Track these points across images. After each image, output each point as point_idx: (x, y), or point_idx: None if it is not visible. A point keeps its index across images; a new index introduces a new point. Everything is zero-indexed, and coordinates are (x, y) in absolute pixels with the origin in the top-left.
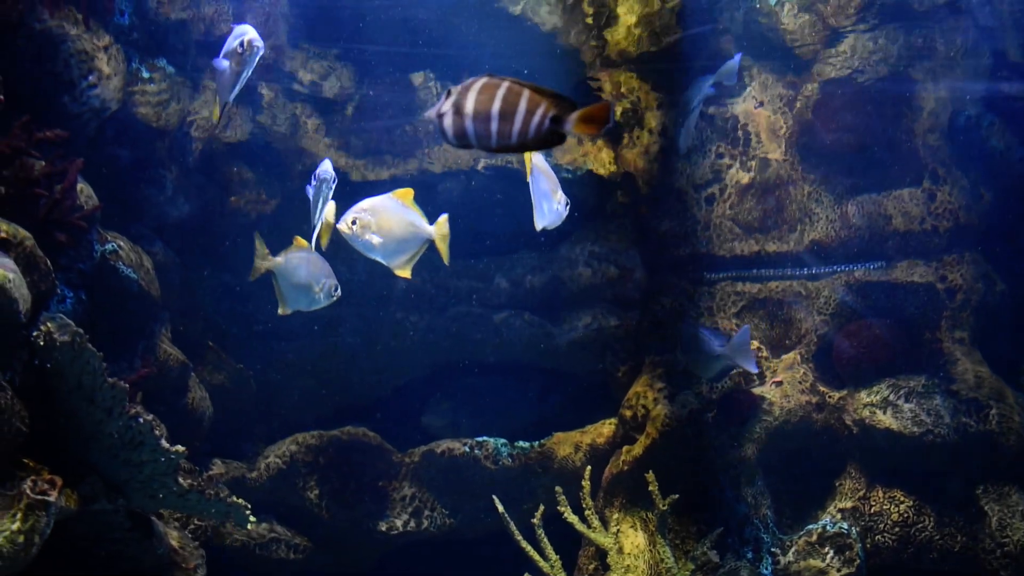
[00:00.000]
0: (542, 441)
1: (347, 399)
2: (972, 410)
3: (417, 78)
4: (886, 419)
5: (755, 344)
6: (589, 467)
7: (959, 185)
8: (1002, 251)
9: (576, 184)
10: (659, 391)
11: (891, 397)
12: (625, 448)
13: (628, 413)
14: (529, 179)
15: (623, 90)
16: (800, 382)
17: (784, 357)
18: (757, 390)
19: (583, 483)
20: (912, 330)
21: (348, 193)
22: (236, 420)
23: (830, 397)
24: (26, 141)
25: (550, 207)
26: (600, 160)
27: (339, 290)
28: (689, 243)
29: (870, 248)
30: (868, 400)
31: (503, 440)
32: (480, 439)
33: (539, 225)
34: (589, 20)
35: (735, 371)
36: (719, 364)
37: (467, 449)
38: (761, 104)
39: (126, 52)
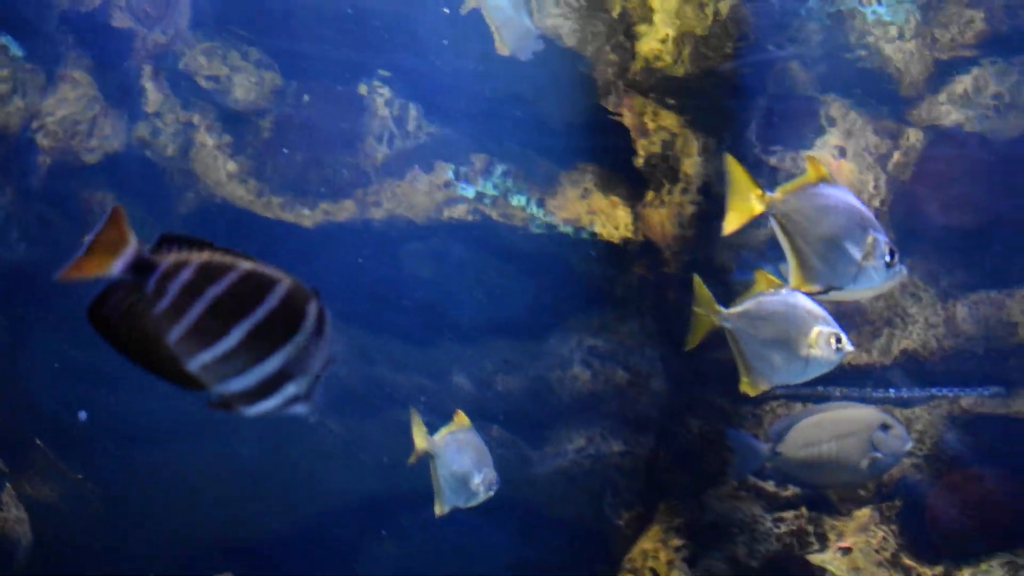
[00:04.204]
0: None
1: (238, 533)
2: None
3: (365, 90)
4: None
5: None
6: None
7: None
8: None
9: (574, 251)
10: (676, 551)
11: None
12: None
13: None
14: None
15: (650, 125)
16: (877, 551)
17: (856, 514)
18: (816, 558)
19: None
20: None
21: (259, 237)
22: (67, 554)
23: (920, 574)
24: None
25: None
26: (612, 220)
27: (498, 483)
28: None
29: (985, 367)
30: None
31: None
32: None
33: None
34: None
35: (784, 531)
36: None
37: None
38: (843, 155)
39: None
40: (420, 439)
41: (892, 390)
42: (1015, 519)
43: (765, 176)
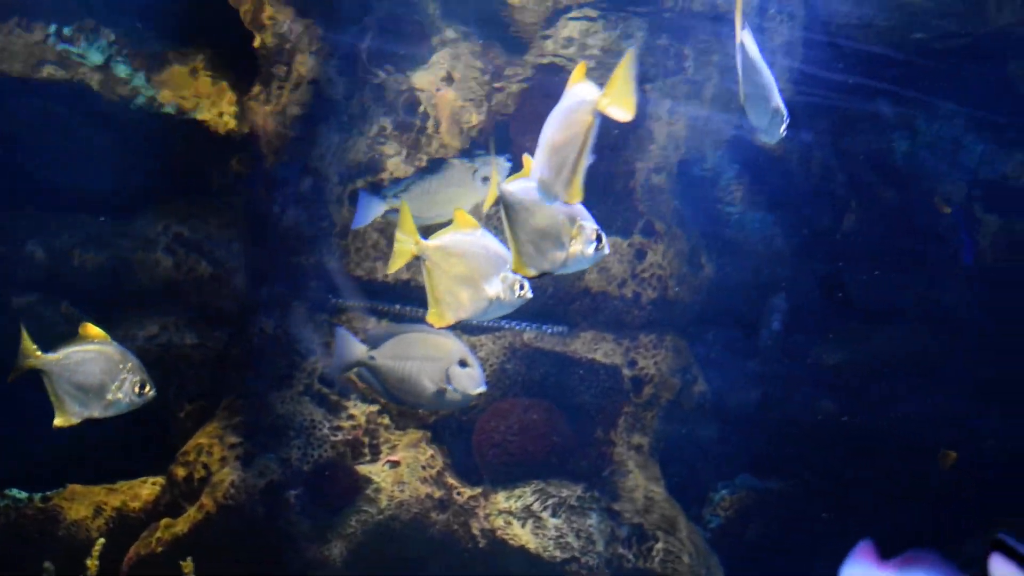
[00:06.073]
0: (48, 493)
1: None
2: (633, 539)
3: None
4: (523, 534)
5: (377, 406)
6: (102, 540)
7: (677, 248)
8: (713, 341)
9: (175, 132)
10: (231, 448)
11: (535, 506)
12: (165, 522)
13: (182, 472)
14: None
15: (268, 16)
16: (424, 467)
17: (410, 430)
18: (364, 468)
19: (88, 564)
20: (582, 423)
21: None
22: None
23: (459, 494)
24: None
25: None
26: (218, 107)
27: (149, 388)
28: (317, 250)
29: (553, 306)
30: (506, 505)
31: None
32: None
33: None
34: None
35: (340, 439)
36: None
37: None
38: (450, 82)
39: None
40: (30, 356)
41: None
42: (552, 451)
43: (370, 91)
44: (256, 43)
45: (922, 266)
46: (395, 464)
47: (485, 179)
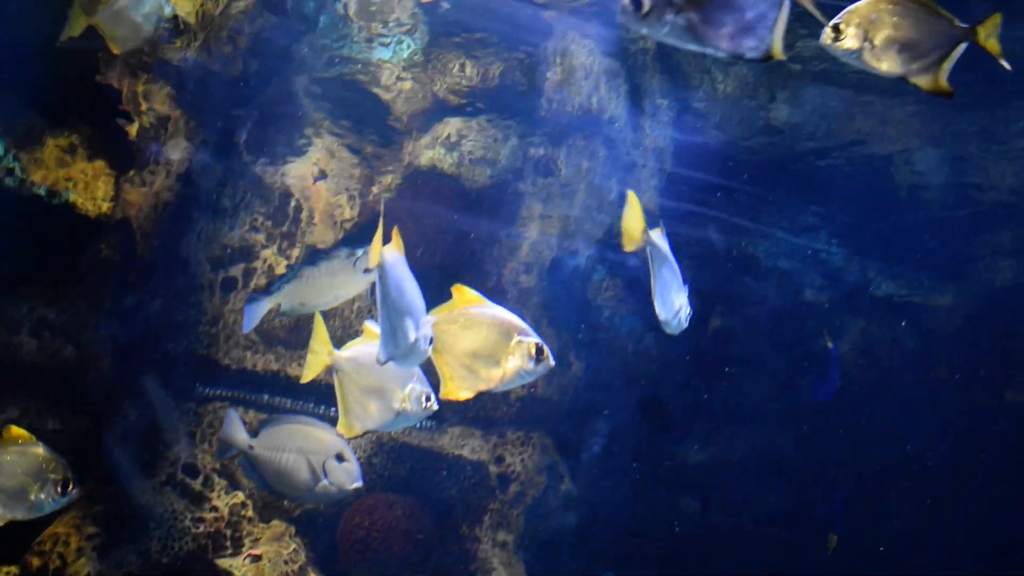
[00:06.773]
0: None
1: None
2: None
3: None
4: None
5: (240, 498)
6: None
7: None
8: (578, 441)
9: (45, 214)
10: (89, 538)
11: None
12: None
13: (37, 562)
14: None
15: (144, 105)
16: (287, 561)
17: (274, 523)
18: (224, 563)
19: None
20: (447, 519)
21: None
22: None
23: None
24: None
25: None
26: (91, 190)
27: (72, 486)
28: (185, 337)
29: None
30: None
31: None
32: None
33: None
34: None
35: (202, 531)
36: None
37: None
38: (323, 176)
39: None
40: None
41: (334, 408)
42: (416, 548)
43: (245, 180)
44: (132, 128)
45: (781, 372)
46: (257, 558)
47: (367, 270)
